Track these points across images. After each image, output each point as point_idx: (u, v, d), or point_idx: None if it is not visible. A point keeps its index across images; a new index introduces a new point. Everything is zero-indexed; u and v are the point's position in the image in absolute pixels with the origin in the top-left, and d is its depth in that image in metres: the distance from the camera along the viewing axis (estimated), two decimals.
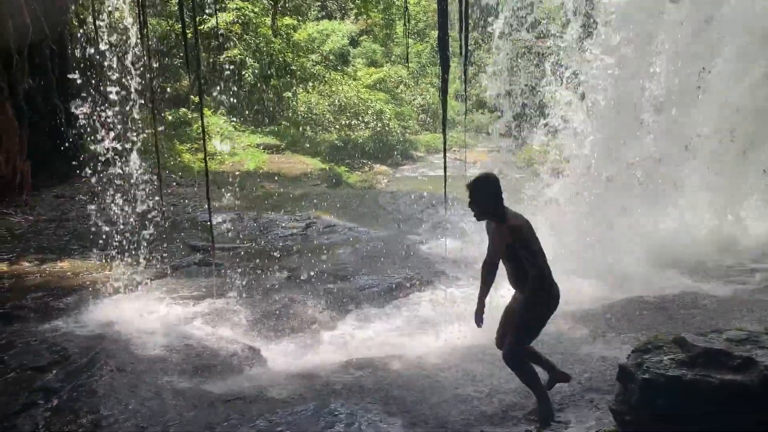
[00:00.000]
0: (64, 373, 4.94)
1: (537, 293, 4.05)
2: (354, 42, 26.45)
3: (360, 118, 21.71)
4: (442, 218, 11.28)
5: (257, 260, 8.28)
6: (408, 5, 25.09)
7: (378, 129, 21.69)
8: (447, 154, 5.74)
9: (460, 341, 5.75)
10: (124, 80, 8.09)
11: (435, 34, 27.59)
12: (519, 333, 4.13)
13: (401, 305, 7.04)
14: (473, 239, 8.29)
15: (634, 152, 8.43)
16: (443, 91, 4.86)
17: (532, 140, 9.44)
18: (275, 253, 8.71)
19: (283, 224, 10.55)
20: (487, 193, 4.04)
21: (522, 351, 4.21)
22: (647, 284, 7.22)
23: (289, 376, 5.23)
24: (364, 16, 26.36)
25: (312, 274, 7.78)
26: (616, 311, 6.43)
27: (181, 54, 20.46)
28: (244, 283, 7.28)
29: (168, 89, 20.19)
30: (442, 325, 6.24)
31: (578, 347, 5.60)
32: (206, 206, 11.46)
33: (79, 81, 8.47)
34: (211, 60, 19.77)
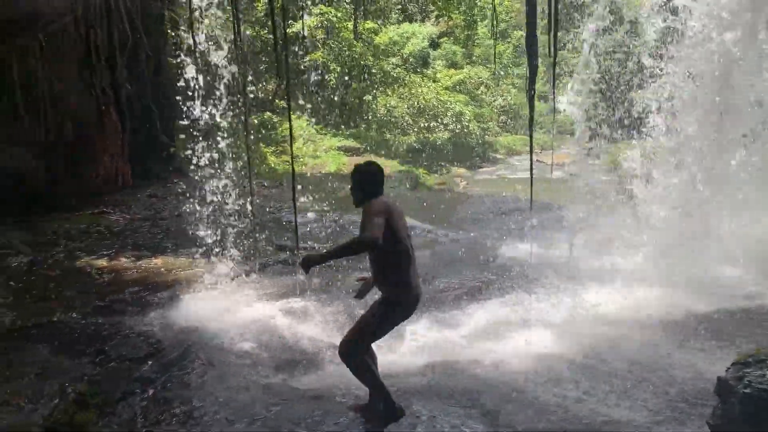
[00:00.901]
0: (159, 364, 5.19)
1: (393, 292, 3.95)
2: (434, 44, 26.40)
3: (439, 120, 21.64)
4: (523, 221, 11.08)
5: (337, 261, 8.38)
6: (490, 5, 24.81)
7: (457, 131, 21.56)
8: (529, 157, 5.67)
9: (543, 348, 5.64)
10: (215, 84, 8.46)
11: (518, 34, 27.22)
12: (362, 330, 4.03)
13: (481, 309, 6.96)
14: (558, 244, 8.11)
15: (730, 156, 8.00)
16: (530, 92, 4.77)
17: (621, 143, 9.12)
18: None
19: None
20: (364, 182, 4.03)
21: (359, 349, 4.07)
22: (746, 294, 6.83)
23: None
24: (445, 18, 26.27)
25: None
26: (709, 321, 6.11)
27: (266, 59, 21.10)
28: (326, 282, 7.42)
29: (254, 93, 20.86)
30: (524, 331, 6.13)
31: (667, 357, 5.37)
32: (290, 207, 11.79)
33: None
34: (295, 64, 20.27)
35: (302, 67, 19.77)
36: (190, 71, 8.59)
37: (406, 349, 6.12)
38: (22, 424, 4.23)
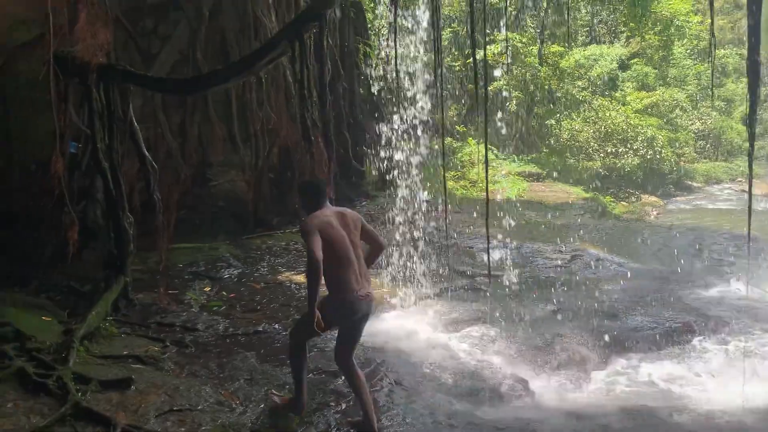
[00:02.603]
0: None
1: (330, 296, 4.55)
2: (623, 65, 25.15)
3: (628, 145, 20.44)
4: (727, 256, 10.09)
5: (522, 290, 8.27)
6: (689, 24, 23.11)
7: (648, 156, 20.18)
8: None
9: (757, 402, 5.05)
10: (405, 112, 8.84)
11: (719, 53, 25.03)
12: (338, 337, 4.69)
13: (681, 352, 6.44)
14: None
15: None
16: (751, 119, 4.34)
17: None
18: (540, 284, 8.60)
19: (547, 255, 10.37)
20: (303, 195, 4.78)
21: (341, 354, 4.65)
22: None
23: (558, 413, 5.10)
24: (637, 38, 24.90)
25: (579, 309, 7.52)
26: None
27: (448, 86, 21.52)
28: (510, 311, 7.32)
29: (434, 119, 21.34)
30: (733, 380, 5.54)
31: None
32: (470, 233, 11.85)
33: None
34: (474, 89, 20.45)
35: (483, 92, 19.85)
36: (384, 99, 9.11)
37: (596, 387, 5.84)
38: (235, 423, 4.66)
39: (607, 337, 6.68)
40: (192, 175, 9.63)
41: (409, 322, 7.00)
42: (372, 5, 18.70)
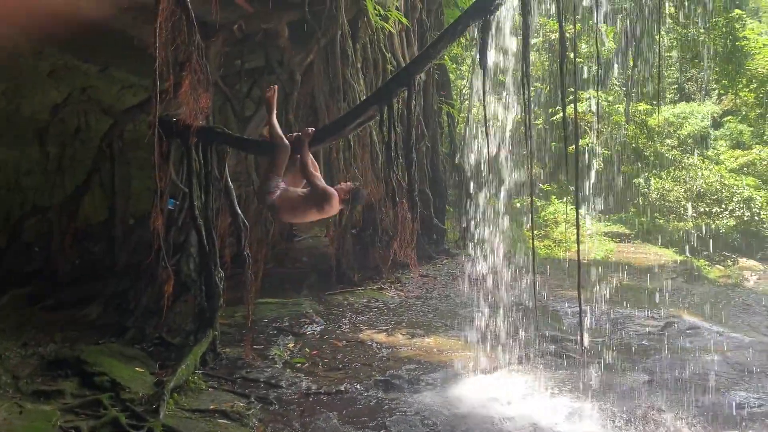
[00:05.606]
0: None
1: None
2: (716, 123, 24.22)
3: (723, 206, 19.47)
4: None
5: (612, 358, 7.89)
6: None
7: (745, 218, 19.12)
8: None
9: None
10: (488, 171, 8.83)
11: None
12: None
13: None
14: None
15: None
16: None
17: None
18: (632, 353, 8.18)
19: (638, 321, 9.91)
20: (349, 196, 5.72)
21: None
22: None
23: None
24: (731, 96, 24.02)
25: (675, 380, 7.08)
26: None
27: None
28: (600, 381, 6.98)
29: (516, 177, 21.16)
30: None
31: None
32: (555, 295, 11.51)
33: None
34: (559, 149, 20.23)
35: (569, 151, 19.63)
36: (467, 159, 9.17)
37: None
38: None
39: (708, 413, 6.22)
40: (279, 231, 9.91)
41: (493, 389, 6.76)
42: (454, 66, 19.05)
